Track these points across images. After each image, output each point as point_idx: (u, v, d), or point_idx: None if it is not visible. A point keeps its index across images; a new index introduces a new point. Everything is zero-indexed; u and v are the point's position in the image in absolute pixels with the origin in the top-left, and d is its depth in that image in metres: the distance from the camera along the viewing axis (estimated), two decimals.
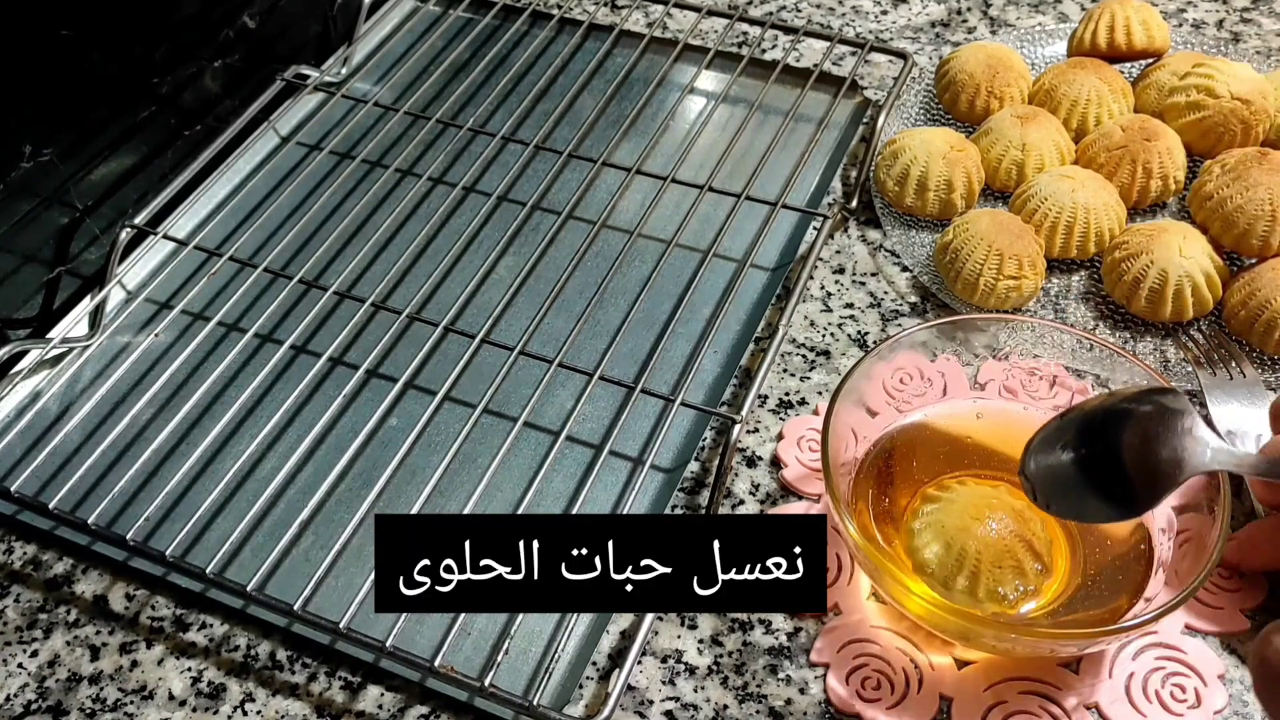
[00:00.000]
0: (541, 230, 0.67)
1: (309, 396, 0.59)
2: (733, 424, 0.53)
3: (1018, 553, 0.47)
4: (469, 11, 0.80)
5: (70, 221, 0.64)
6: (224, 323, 0.61)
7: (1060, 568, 0.48)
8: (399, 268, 0.64)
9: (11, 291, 0.61)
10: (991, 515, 0.48)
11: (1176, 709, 0.46)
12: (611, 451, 0.56)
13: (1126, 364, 0.51)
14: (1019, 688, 0.46)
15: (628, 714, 0.47)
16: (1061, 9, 0.79)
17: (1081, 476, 0.43)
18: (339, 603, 0.49)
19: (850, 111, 0.74)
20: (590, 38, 0.80)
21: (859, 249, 0.65)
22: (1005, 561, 0.47)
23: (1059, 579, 0.48)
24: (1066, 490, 0.44)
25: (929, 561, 0.48)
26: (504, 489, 0.55)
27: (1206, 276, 0.58)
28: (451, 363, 0.57)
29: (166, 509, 0.55)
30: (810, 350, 0.60)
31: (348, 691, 0.48)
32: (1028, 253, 0.59)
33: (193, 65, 0.69)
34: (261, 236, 0.68)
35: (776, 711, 0.47)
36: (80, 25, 0.60)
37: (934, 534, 0.48)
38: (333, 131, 0.74)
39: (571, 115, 0.74)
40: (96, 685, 0.49)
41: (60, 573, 0.53)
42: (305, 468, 0.56)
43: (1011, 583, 0.47)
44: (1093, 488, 0.43)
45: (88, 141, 0.63)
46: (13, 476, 0.56)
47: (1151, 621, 0.42)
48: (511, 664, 0.49)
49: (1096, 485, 0.43)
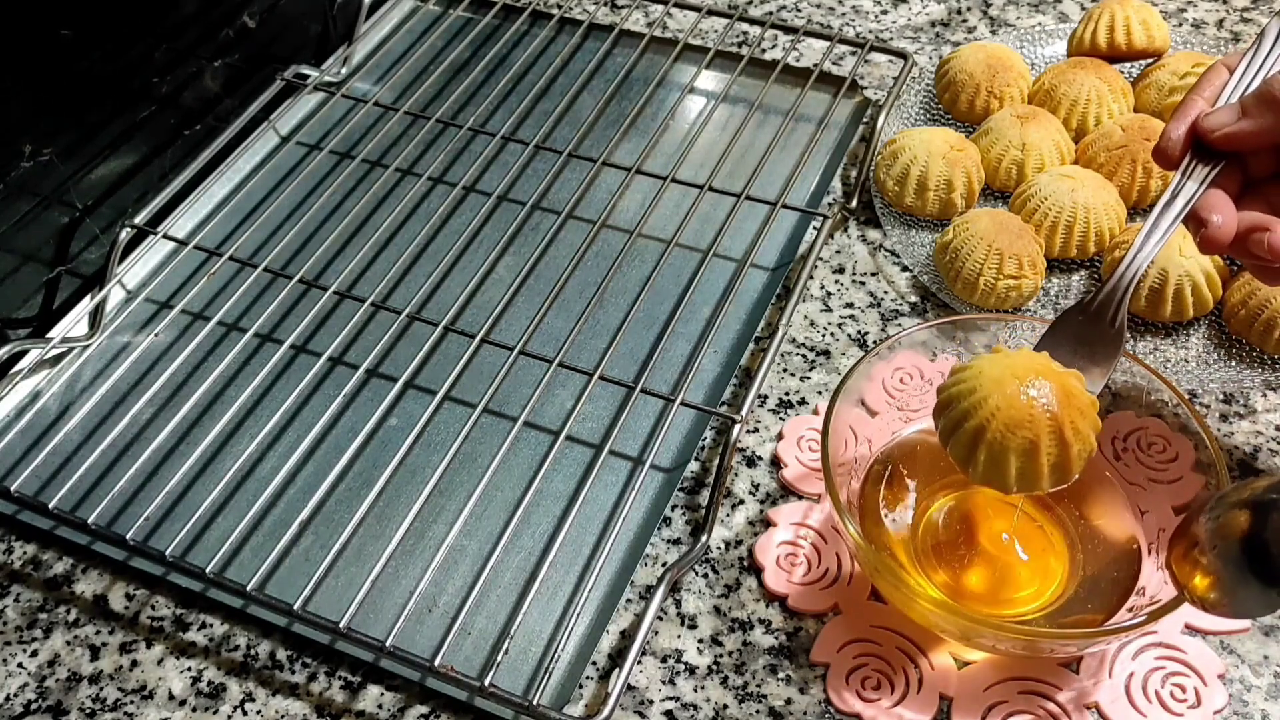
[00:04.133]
0: (541, 230, 0.67)
1: (309, 396, 0.59)
2: (733, 424, 0.53)
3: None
4: (469, 11, 0.80)
5: (70, 221, 0.64)
6: (224, 323, 0.61)
7: (1059, 569, 0.48)
8: (399, 268, 0.64)
9: (11, 291, 0.61)
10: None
11: (1176, 709, 0.46)
12: (611, 451, 0.56)
13: (1126, 364, 0.51)
14: (1019, 688, 0.46)
15: (628, 714, 0.47)
16: (1061, 9, 0.79)
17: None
18: (339, 602, 0.49)
19: (850, 111, 0.74)
20: (590, 37, 0.80)
21: (859, 249, 0.65)
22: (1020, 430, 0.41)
23: (1058, 580, 0.48)
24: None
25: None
26: (504, 489, 0.55)
27: (1206, 276, 0.58)
28: (451, 362, 0.57)
29: (166, 509, 0.55)
30: (810, 350, 0.60)
31: (348, 691, 0.48)
32: (1028, 252, 0.59)
33: (193, 65, 0.69)
34: (261, 236, 0.68)
35: (776, 711, 0.47)
36: (80, 25, 0.60)
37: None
38: (333, 131, 0.74)
39: (571, 115, 0.74)
40: (96, 685, 0.49)
41: (60, 572, 0.53)
42: (305, 468, 0.56)
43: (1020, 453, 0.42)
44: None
45: (88, 141, 0.63)
46: (13, 476, 0.56)
47: (1151, 621, 0.42)
48: (511, 664, 0.49)
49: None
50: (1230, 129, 0.44)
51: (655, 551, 0.52)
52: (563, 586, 0.51)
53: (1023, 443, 0.41)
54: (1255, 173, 0.46)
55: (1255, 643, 0.48)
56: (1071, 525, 0.49)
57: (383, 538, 0.52)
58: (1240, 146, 0.45)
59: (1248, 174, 0.46)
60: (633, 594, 0.51)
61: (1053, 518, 0.50)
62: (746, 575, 0.51)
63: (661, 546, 0.53)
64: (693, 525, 0.53)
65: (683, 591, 0.51)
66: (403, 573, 0.52)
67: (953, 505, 0.50)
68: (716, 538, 0.53)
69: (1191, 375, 0.57)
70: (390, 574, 0.52)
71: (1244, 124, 0.44)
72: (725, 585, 0.51)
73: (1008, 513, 0.50)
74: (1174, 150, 0.45)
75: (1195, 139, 0.45)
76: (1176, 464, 0.50)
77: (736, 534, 0.53)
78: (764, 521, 0.53)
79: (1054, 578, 0.48)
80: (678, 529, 0.53)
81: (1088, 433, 0.42)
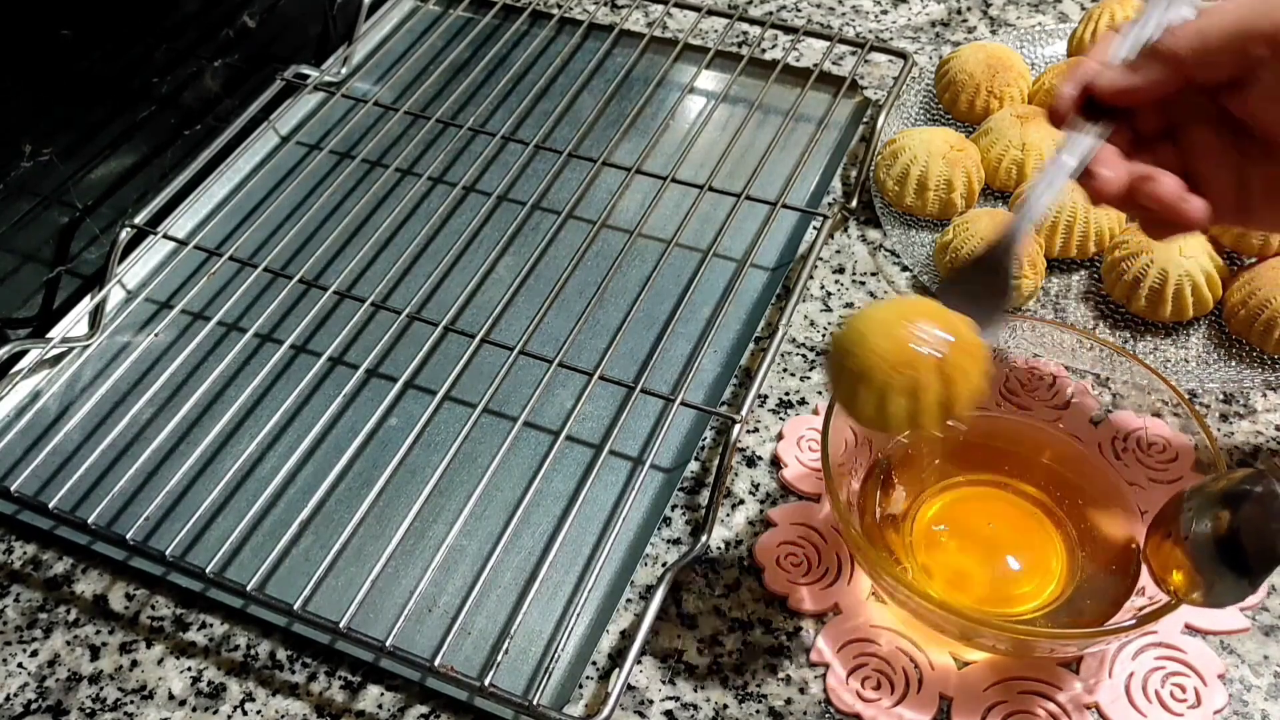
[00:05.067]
0: (541, 230, 0.67)
1: (309, 396, 0.59)
2: (733, 424, 0.53)
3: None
4: (469, 11, 0.80)
5: (70, 221, 0.64)
6: (224, 322, 0.61)
7: (1059, 569, 0.48)
8: (399, 268, 0.64)
9: (11, 291, 0.61)
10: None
11: (1176, 709, 0.46)
12: (611, 451, 0.56)
13: (1126, 364, 0.51)
14: (1019, 688, 0.46)
15: (628, 714, 0.47)
16: (1061, 9, 0.79)
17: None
18: (339, 602, 0.49)
19: (850, 111, 0.74)
20: (590, 37, 0.80)
21: (859, 249, 0.65)
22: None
23: (1058, 579, 0.48)
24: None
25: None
26: (504, 489, 0.55)
27: (1206, 276, 0.58)
28: (451, 362, 0.57)
29: (166, 509, 0.55)
30: (810, 350, 0.60)
31: (348, 691, 0.48)
32: (1027, 252, 0.59)
33: (193, 65, 0.69)
34: (261, 236, 0.68)
35: (776, 711, 0.47)
36: (80, 25, 0.60)
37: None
38: (333, 131, 0.74)
39: (571, 115, 0.74)
40: (96, 685, 0.49)
41: (60, 572, 0.53)
42: (305, 468, 0.56)
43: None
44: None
45: (88, 141, 0.63)
46: (13, 476, 0.56)
47: (1151, 621, 0.42)
48: (511, 663, 0.49)
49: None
50: (1120, 83, 0.45)
51: (655, 551, 0.52)
52: (563, 586, 0.51)
53: (907, 381, 0.40)
54: (1144, 130, 0.46)
55: (1255, 643, 0.48)
56: (1071, 525, 0.49)
57: (383, 538, 0.52)
58: (1129, 101, 0.45)
59: (1137, 132, 0.46)
60: (633, 594, 0.51)
61: (1053, 518, 0.50)
62: (746, 575, 0.51)
63: (661, 546, 0.53)
64: (693, 525, 0.53)
65: (683, 591, 0.51)
66: (403, 573, 0.52)
67: (953, 505, 0.50)
68: (716, 538, 0.53)
69: (1191, 375, 0.57)
70: (390, 574, 0.52)
71: (1132, 78, 0.44)
72: (725, 585, 0.51)
73: (1008, 513, 0.50)
74: (1065, 108, 0.46)
75: (1088, 99, 0.46)
76: (1176, 464, 0.50)
77: (736, 534, 0.53)
78: (764, 521, 0.53)
79: (1054, 578, 0.48)
80: (678, 529, 0.53)
81: (975, 373, 0.41)
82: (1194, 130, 0.44)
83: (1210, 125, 0.44)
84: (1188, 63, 0.43)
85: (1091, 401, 0.53)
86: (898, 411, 0.41)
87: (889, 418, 0.41)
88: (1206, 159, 0.44)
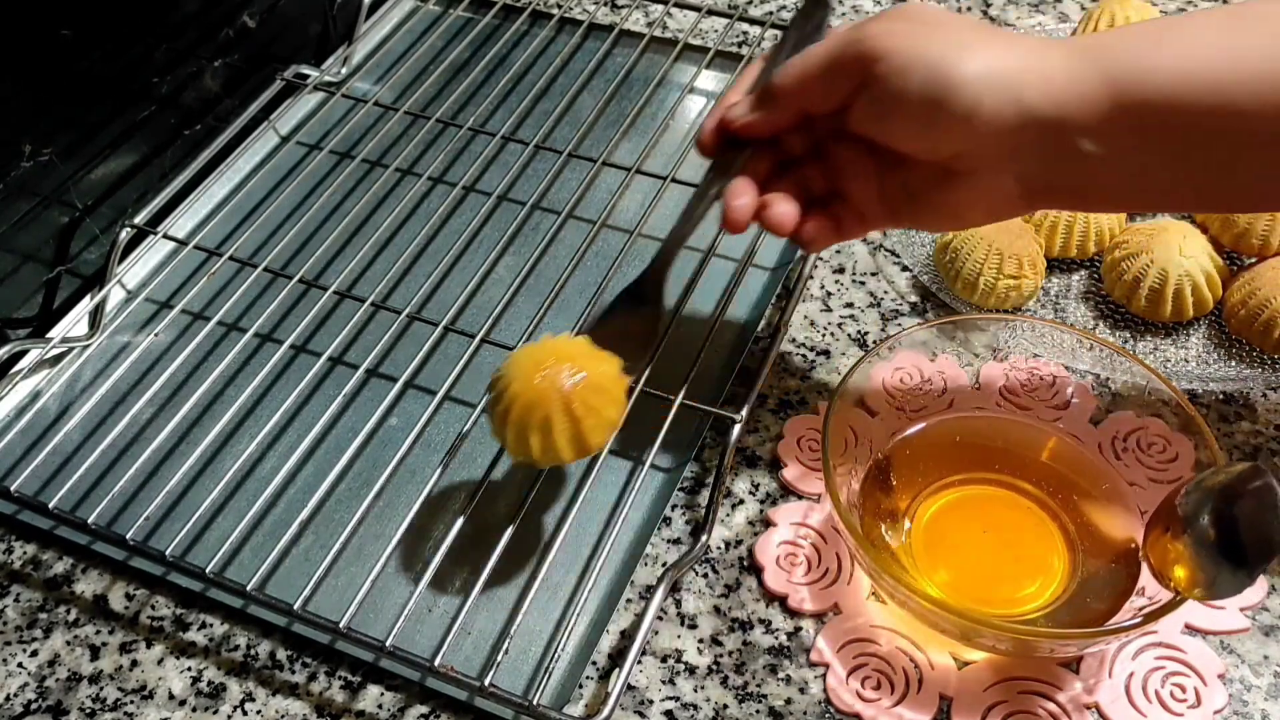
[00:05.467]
0: (541, 230, 0.67)
1: (309, 396, 0.59)
2: (733, 424, 0.53)
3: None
4: (469, 11, 0.80)
5: (70, 221, 0.64)
6: (224, 322, 0.61)
7: (1059, 568, 0.48)
8: (399, 267, 0.64)
9: (11, 291, 0.61)
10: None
11: (1176, 709, 0.46)
12: (611, 451, 0.56)
13: (1126, 364, 0.51)
14: (1019, 688, 0.46)
15: (628, 714, 0.47)
16: (1061, 9, 0.79)
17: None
18: (339, 602, 0.49)
19: None
20: (590, 37, 0.80)
21: (859, 248, 0.65)
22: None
23: (1058, 579, 0.48)
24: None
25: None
26: (504, 489, 0.55)
27: (1206, 276, 0.58)
28: (451, 363, 0.57)
29: (166, 509, 0.55)
30: (810, 350, 0.60)
31: (348, 691, 0.48)
32: (1028, 252, 0.59)
33: (193, 65, 0.69)
34: (261, 236, 0.68)
35: (776, 711, 0.47)
36: (80, 25, 0.60)
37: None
38: (333, 131, 0.74)
39: (571, 115, 0.74)
40: (96, 685, 0.49)
41: (60, 572, 0.53)
42: (305, 468, 0.56)
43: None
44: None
45: (88, 141, 0.63)
46: (13, 476, 0.56)
47: (1151, 621, 0.42)
48: (511, 663, 0.49)
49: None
50: (744, 120, 0.49)
51: (655, 551, 0.52)
52: (563, 586, 0.51)
53: (540, 420, 0.45)
54: (792, 150, 0.50)
55: (1255, 643, 0.48)
56: (1072, 525, 0.49)
57: (383, 538, 0.52)
58: (755, 135, 0.49)
59: (787, 153, 0.50)
60: (633, 594, 0.51)
61: (1053, 518, 0.50)
62: (746, 575, 0.51)
63: (661, 546, 0.53)
64: (693, 525, 0.53)
65: (683, 591, 0.51)
66: (403, 573, 0.52)
67: (953, 505, 0.50)
68: (716, 538, 0.53)
69: (1191, 375, 0.57)
70: (390, 574, 0.52)
71: (755, 114, 0.48)
72: (725, 585, 0.51)
73: (1008, 513, 0.50)
74: (707, 140, 0.50)
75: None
76: (1176, 464, 0.50)
77: (736, 534, 0.53)
78: (764, 521, 0.53)
79: (1054, 577, 0.48)
80: (678, 529, 0.53)
81: (603, 407, 0.46)
82: (834, 147, 0.48)
83: (846, 142, 0.47)
84: (794, 97, 0.47)
85: (1091, 401, 0.53)
86: (535, 447, 0.46)
87: (530, 451, 0.46)
88: (847, 172, 0.48)
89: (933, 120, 0.42)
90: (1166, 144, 0.42)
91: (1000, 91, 0.41)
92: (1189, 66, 0.40)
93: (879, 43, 0.43)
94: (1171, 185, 0.43)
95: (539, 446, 0.46)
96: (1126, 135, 0.42)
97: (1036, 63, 0.42)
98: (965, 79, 0.41)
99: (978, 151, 0.43)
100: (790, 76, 0.46)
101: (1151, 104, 0.41)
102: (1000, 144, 0.43)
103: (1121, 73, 0.41)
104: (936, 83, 0.42)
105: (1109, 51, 0.41)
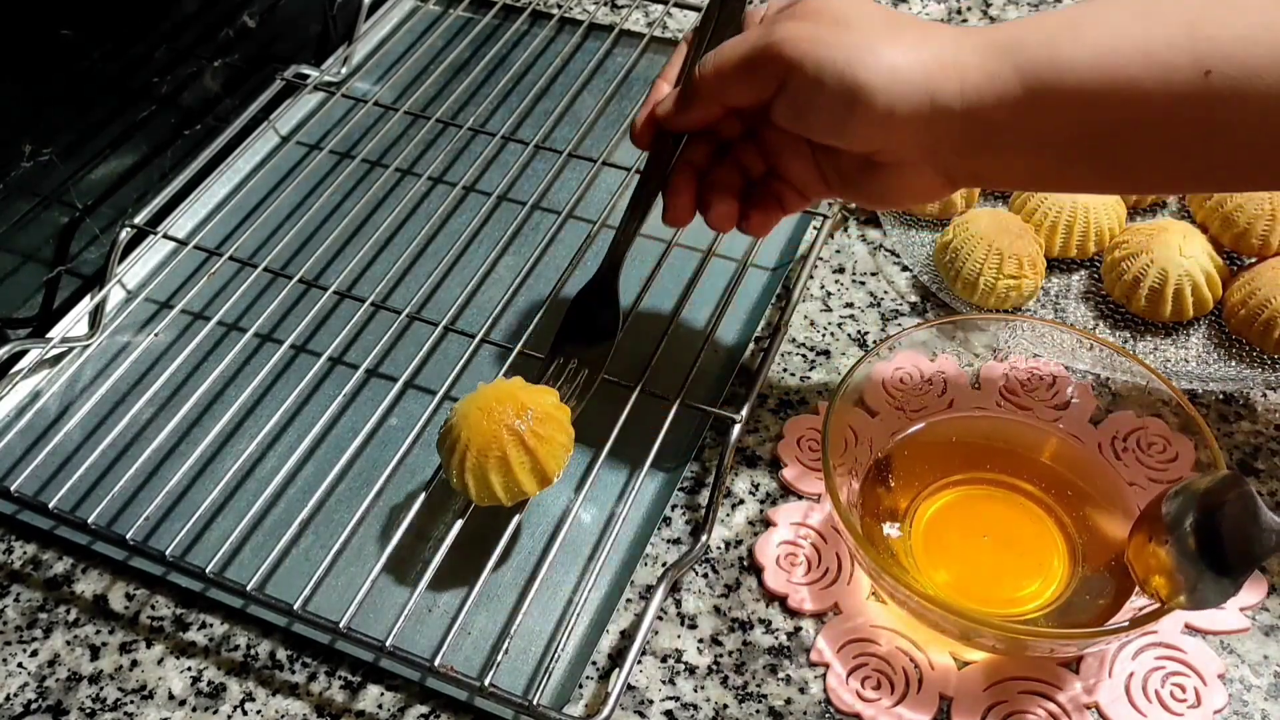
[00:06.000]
0: (541, 230, 0.67)
1: (309, 396, 0.59)
2: (733, 424, 0.53)
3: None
4: (469, 11, 0.80)
5: (70, 221, 0.64)
6: (224, 322, 0.61)
7: (1059, 568, 0.48)
8: (399, 267, 0.64)
9: (11, 291, 0.61)
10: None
11: (1176, 709, 0.46)
12: (611, 451, 0.56)
13: (1126, 364, 0.51)
14: (1019, 688, 0.46)
15: (628, 714, 0.47)
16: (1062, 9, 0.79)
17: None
18: (339, 602, 0.49)
19: None
20: (590, 37, 0.80)
21: (859, 248, 0.65)
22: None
23: (1059, 579, 0.48)
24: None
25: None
26: None
27: (1206, 276, 0.58)
28: (451, 363, 0.57)
29: (166, 509, 0.55)
30: (810, 350, 0.60)
31: (348, 691, 0.48)
32: (1028, 252, 0.59)
33: (193, 65, 0.69)
34: (261, 236, 0.68)
35: (776, 711, 0.47)
36: (80, 25, 0.60)
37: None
38: (333, 131, 0.74)
39: (571, 115, 0.74)
40: (96, 685, 0.49)
41: (60, 572, 0.53)
42: (305, 468, 0.56)
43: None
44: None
45: (88, 141, 0.63)
46: (13, 476, 0.56)
47: (1151, 621, 0.42)
48: (511, 663, 0.49)
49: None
50: (672, 117, 0.49)
51: (655, 551, 0.52)
52: (563, 586, 0.51)
53: (496, 461, 0.46)
54: (727, 135, 0.50)
55: (1255, 643, 0.48)
56: (1072, 525, 0.49)
57: (383, 538, 0.52)
58: (686, 128, 0.50)
59: (722, 139, 0.50)
60: (633, 594, 0.51)
61: (1053, 518, 0.50)
62: (746, 575, 0.51)
63: (661, 546, 0.53)
64: (693, 525, 0.53)
65: (683, 591, 0.51)
66: (402, 573, 0.52)
67: (952, 505, 0.50)
68: (716, 538, 0.53)
69: (1191, 375, 0.57)
70: (390, 574, 0.52)
71: (680, 113, 0.49)
72: (725, 585, 0.51)
73: (1008, 513, 0.50)
74: (639, 133, 0.51)
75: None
76: (1176, 464, 0.50)
77: (736, 534, 0.53)
78: (764, 521, 0.53)
79: (1054, 577, 0.48)
80: (678, 529, 0.53)
81: (554, 434, 0.47)
82: (767, 131, 0.49)
83: (778, 127, 0.47)
84: (715, 96, 0.47)
85: (1091, 401, 0.53)
86: (497, 485, 0.47)
87: (494, 490, 0.47)
88: (783, 154, 0.49)
89: (846, 123, 0.43)
90: (1082, 133, 0.42)
91: (912, 93, 0.41)
92: (1102, 62, 0.40)
93: (787, 50, 0.43)
94: (1089, 170, 0.44)
95: (501, 485, 0.47)
96: (1043, 127, 0.42)
97: (950, 58, 0.42)
98: (875, 84, 0.41)
99: (896, 147, 0.44)
100: (708, 77, 0.46)
101: (1067, 98, 0.41)
102: (918, 140, 0.43)
103: (1036, 68, 0.41)
104: (847, 89, 0.42)
105: (1023, 45, 0.41)
